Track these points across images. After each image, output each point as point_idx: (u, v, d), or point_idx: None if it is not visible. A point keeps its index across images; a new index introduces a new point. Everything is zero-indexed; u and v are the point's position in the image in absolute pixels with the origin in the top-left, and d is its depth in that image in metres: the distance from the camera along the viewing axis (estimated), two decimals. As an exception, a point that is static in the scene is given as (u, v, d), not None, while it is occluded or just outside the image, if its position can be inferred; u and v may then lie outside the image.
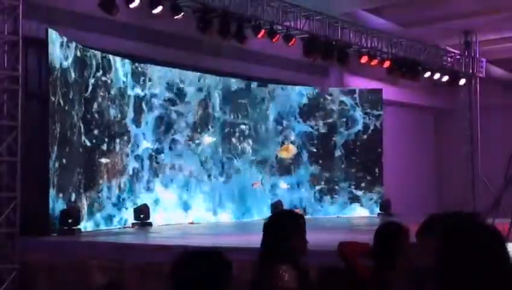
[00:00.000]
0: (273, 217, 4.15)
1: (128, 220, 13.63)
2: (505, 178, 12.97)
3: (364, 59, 15.76)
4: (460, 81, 18.31)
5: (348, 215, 17.19)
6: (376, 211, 17.36)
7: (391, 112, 19.66)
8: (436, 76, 17.57)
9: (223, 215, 15.65)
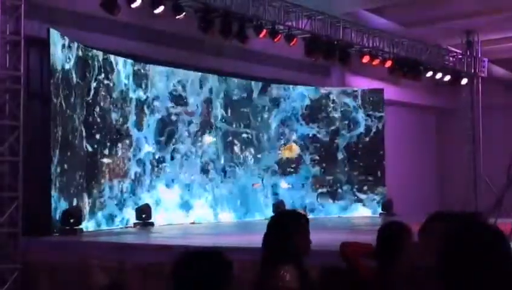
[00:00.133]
0: (276, 217, 4.15)
1: (129, 220, 13.63)
2: (507, 178, 12.96)
3: (366, 59, 15.75)
4: (462, 81, 18.28)
5: (350, 215, 17.17)
6: (378, 211, 17.33)
7: (393, 112, 19.64)
8: (438, 76, 17.55)
9: (224, 215, 15.64)
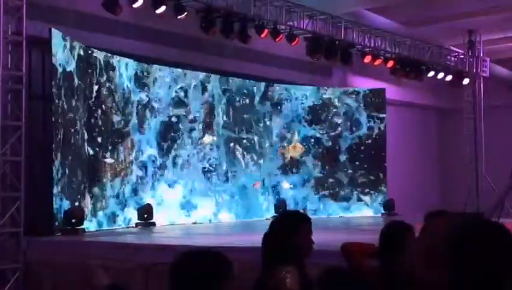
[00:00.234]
0: (280, 217, 4.15)
1: (131, 220, 13.63)
2: (510, 177, 12.96)
3: (367, 59, 15.74)
4: (464, 81, 18.26)
5: (352, 215, 17.16)
6: (380, 211, 17.30)
7: (395, 112, 19.61)
8: (439, 76, 17.54)
9: (225, 215, 15.64)
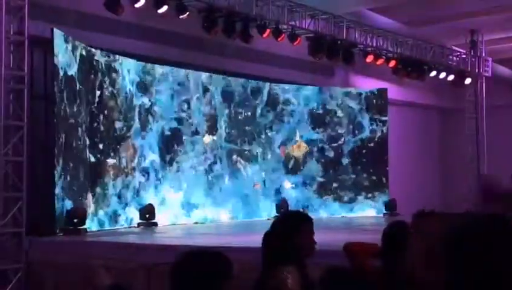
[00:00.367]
0: (281, 217, 4.14)
1: (133, 220, 13.62)
2: (511, 177, 12.94)
3: (369, 58, 15.73)
4: (466, 81, 18.25)
5: (354, 215, 17.14)
6: (382, 211, 17.28)
7: (396, 112, 19.60)
8: (441, 75, 17.53)
9: (227, 215, 15.63)
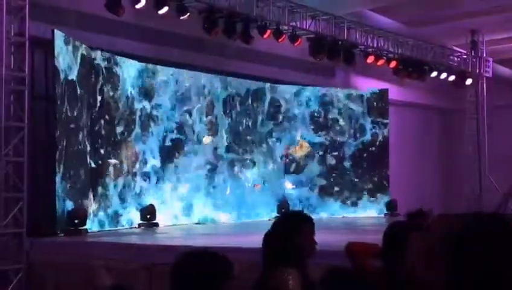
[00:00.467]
0: (282, 217, 4.14)
1: (134, 221, 13.62)
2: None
3: (370, 59, 15.72)
4: (467, 81, 18.24)
5: (354, 215, 17.14)
6: (383, 211, 17.27)
7: (397, 112, 19.60)
8: (442, 76, 17.52)
9: (228, 215, 15.63)
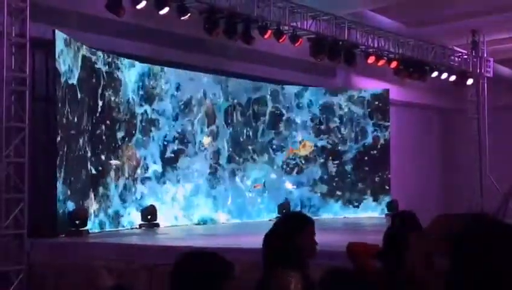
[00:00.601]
0: (283, 218, 4.14)
1: (135, 221, 13.62)
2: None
3: (371, 59, 15.72)
4: (468, 81, 18.24)
5: (355, 215, 17.13)
6: (384, 211, 17.26)
7: (398, 112, 19.60)
8: (443, 76, 17.52)
9: (228, 216, 15.63)
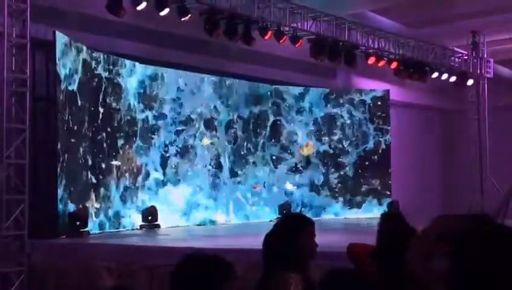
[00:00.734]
0: (283, 219, 4.14)
1: (136, 222, 13.62)
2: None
3: (371, 60, 15.72)
4: (468, 82, 18.23)
5: (356, 216, 17.13)
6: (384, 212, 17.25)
7: (398, 113, 19.59)
8: (443, 77, 17.52)
9: (229, 217, 15.64)
